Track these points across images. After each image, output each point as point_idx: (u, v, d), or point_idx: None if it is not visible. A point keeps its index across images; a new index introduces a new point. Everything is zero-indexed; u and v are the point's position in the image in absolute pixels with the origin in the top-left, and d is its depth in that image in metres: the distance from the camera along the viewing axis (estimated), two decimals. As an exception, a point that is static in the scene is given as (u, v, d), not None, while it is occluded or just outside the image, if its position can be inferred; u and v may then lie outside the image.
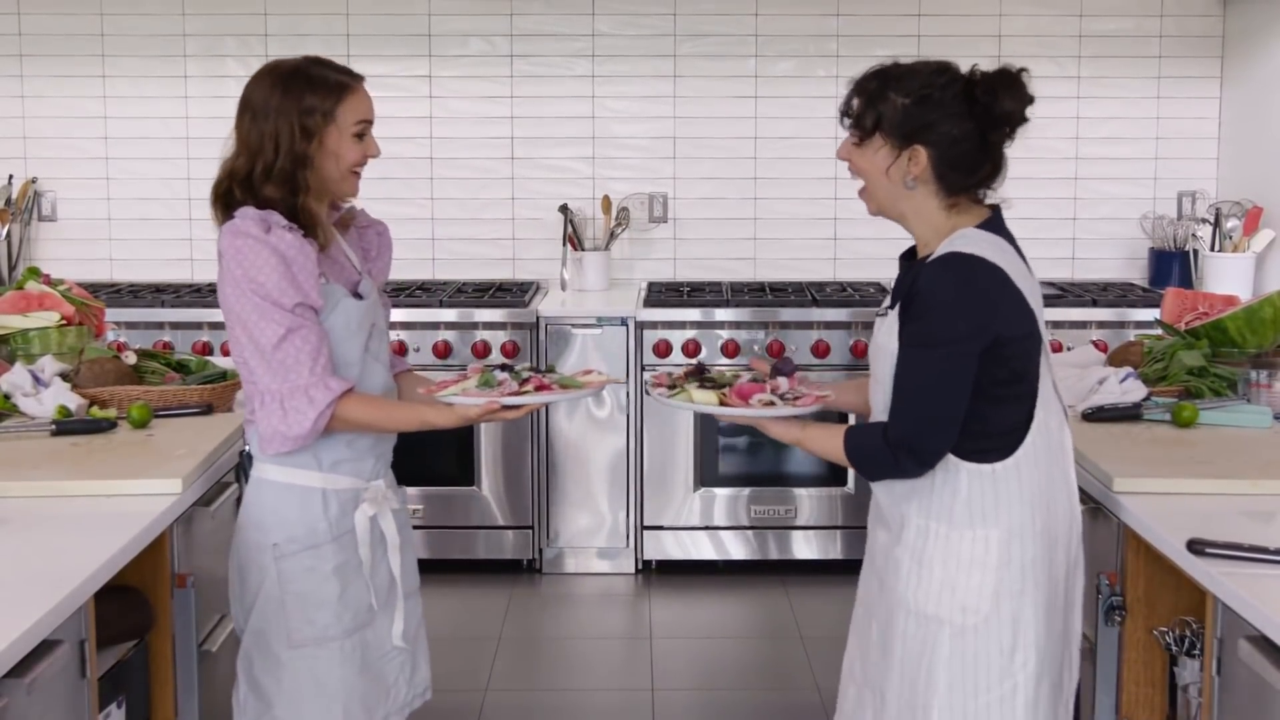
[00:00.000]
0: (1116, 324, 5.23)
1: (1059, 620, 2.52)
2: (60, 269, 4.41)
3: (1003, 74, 2.43)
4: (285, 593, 2.66)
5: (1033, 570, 2.46)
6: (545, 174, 5.83)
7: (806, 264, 5.86)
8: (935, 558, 2.47)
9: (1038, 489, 2.46)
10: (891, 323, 2.48)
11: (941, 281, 2.39)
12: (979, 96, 2.41)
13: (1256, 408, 3.25)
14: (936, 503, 2.47)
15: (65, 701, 2.24)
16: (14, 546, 2.41)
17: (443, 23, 5.76)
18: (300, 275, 2.57)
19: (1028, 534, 2.45)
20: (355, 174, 2.71)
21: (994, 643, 2.45)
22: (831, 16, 5.74)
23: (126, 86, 5.76)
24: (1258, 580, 2.19)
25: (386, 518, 2.76)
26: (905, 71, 2.46)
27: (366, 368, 2.73)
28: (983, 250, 2.42)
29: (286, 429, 2.58)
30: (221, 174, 2.70)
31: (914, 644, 2.50)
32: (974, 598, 2.45)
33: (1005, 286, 2.41)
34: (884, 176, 2.47)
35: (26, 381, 3.33)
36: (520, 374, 2.64)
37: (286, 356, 2.56)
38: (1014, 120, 2.44)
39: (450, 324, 5.24)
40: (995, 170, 2.50)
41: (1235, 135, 5.68)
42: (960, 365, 2.38)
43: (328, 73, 2.67)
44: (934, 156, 2.43)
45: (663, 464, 5.25)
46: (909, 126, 2.42)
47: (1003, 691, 2.46)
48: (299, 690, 2.68)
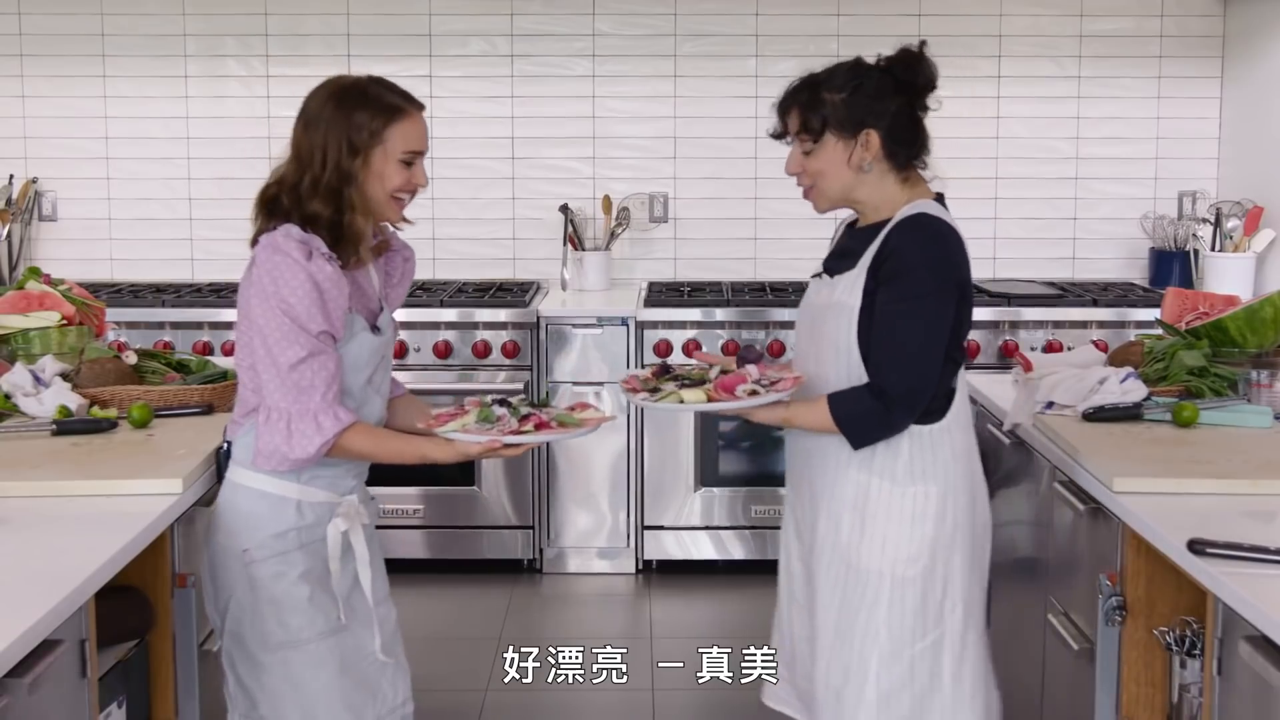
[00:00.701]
0: (1117, 324, 5.23)
1: (978, 576, 2.76)
2: (61, 269, 4.41)
3: (907, 51, 2.67)
4: (258, 598, 2.66)
5: (962, 525, 2.70)
6: (546, 174, 5.84)
7: (807, 264, 5.76)
8: (878, 513, 2.67)
9: (964, 449, 2.72)
10: (852, 282, 2.65)
11: (918, 241, 2.60)
12: (899, 74, 2.66)
13: (1257, 408, 3.25)
14: (879, 461, 2.67)
15: (66, 701, 2.23)
16: (14, 546, 2.41)
17: (443, 23, 5.76)
18: (331, 307, 2.57)
19: (961, 490, 2.70)
20: (398, 200, 2.67)
21: (930, 593, 2.68)
22: (832, 16, 5.74)
23: (127, 86, 5.77)
24: (1258, 580, 2.19)
25: (357, 533, 2.75)
26: (828, 73, 2.70)
27: (366, 398, 2.73)
28: (945, 216, 2.67)
29: (289, 450, 2.58)
30: (271, 179, 2.66)
31: (853, 597, 2.69)
32: (914, 550, 2.66)
33: (965, 251, 2.67)
34: (845, 167, 2.67)
35: (27, 381, 3.33)
36: (519, 410, 2.65)
37: (302, 379, 2.55)
38: (933, 87, 2.69)
39: (451, 324, 5.23)
40: (925, 139, 2.72)
41: (1236, 135, 5.68)
42: (943, 316, 2.60)
43: (385, 93, 2.64)
44: (883, 135, 2.65)
45: (663, 464, 5.25)
46: (856, 115, 2.65)
47: (934, 637, 2.69)
48: (278, 690, 2.70)
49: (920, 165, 2.73)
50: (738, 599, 5.09)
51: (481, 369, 5.24)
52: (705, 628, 4.83)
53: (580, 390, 5.18)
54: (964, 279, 2.64)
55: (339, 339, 2.62)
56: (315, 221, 2.59)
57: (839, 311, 2.67)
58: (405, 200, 2.69)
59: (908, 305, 2.59)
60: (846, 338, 2.65)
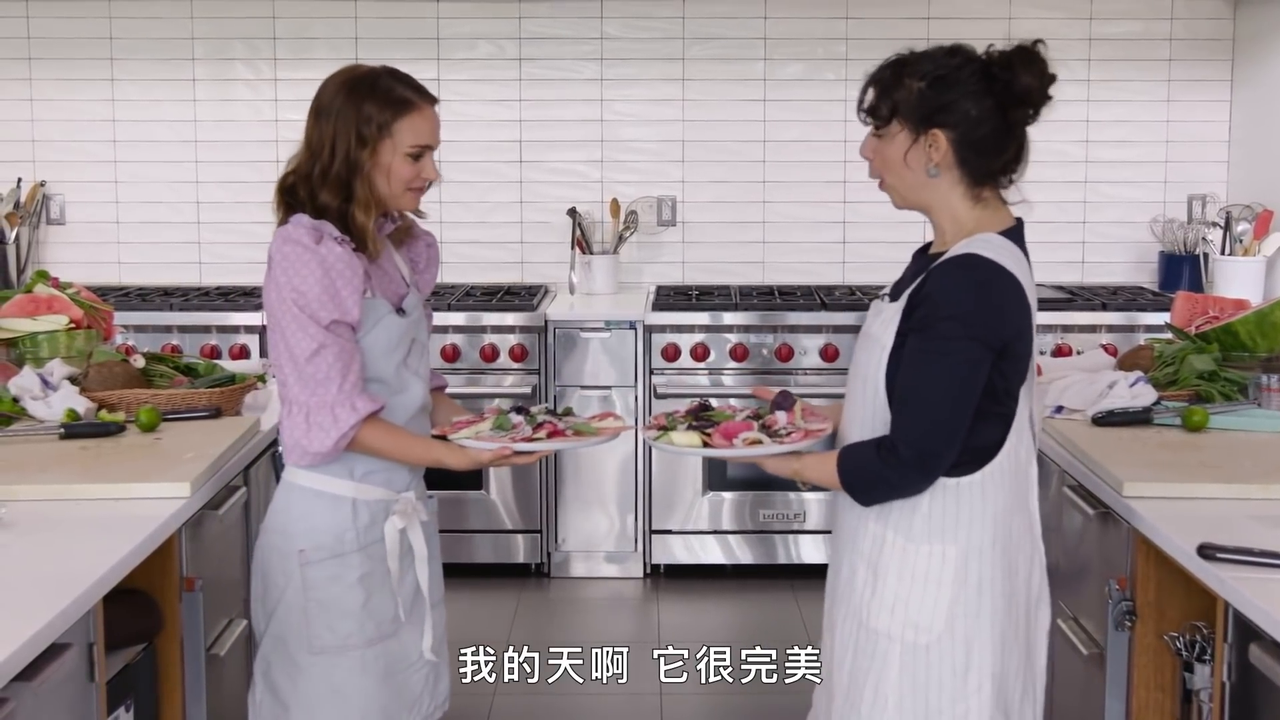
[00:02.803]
0: (1126, 328, 5.22)
1: (1017, 653, 2.44)
2: (68, 272, 4.41)
3: (1020, 50, 2.37)
4: (309, 600, 2.64)
5: (990, 591, 2.38)
6: (553, 177, 5.83)
7: (815, 267, 5.85)
8: (890, 569, 2.40)
9: (999, 510, 2.39)
10: (890, 317, 2.40)
11: (957, 285, 2.31)
12: (997, 74, 2.35)
13: (1267, 412, 3.24)
14: (896, 513, 2.40)
15: (73, 705, 2.23)
16: (23, 550, 2.41)
17: (451, 25, 5.76)
18: (343, 290, 2.55)
19: (986, 554, 2.38)
20: (413, 191, 2.67)
21: (946, 663, 2.38)
22: (840, 19, 5.74)
23: (134, 90, 5.77)
24: (1269, 585, 2.18)
25: (415, 530, 2.75)
26: (918, 57, 2.40)
27: (404, 382, 2.71)
28: (1001, 258, 2.33)
29: (308, 443, 2.57)
30: (288, 167, 2.67)
31: (863, 659, 2.44)
32: (927, 615, 2.38)
33: (1019, 299, 2.35)
34: (903, 164, 2.39)
35: (35, 385, 3.33)
36: (535, 418, 2.64)
37: (318, 371, 2.54)
38: (1034, 97, 2.37)
39: (459, 327, 5.23)
40: (1019, 153, 2.41)
41: (1246, 138, 5.67)
42: (973, 372, 2.30)
43: (396, 85, 2.64)
44: (954, 140, 2.35)
45: (671, 468, 5.24)
46: (926, 109, 2.35)
47: (955, 714, 2.38)
48: (316, 696, 2.66)
49: (1003, 184, 2.44)
50: (746, 603, 5.08)
51: (489, 373, 5.24)
52: (713, 632, 4.82)
53: (587, 394, 5.18)
54: (1008, 335, 2.32)
55: (358, 326, 2.60)
56: (325, 212, 2.60)
57: (873, 346, 2.42)
58: (419, 191, 2.69)
59: (933, 362, 2.30)
60: (875, 375, 2.40)
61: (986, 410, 2.34)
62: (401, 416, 2.70)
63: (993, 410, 2.36)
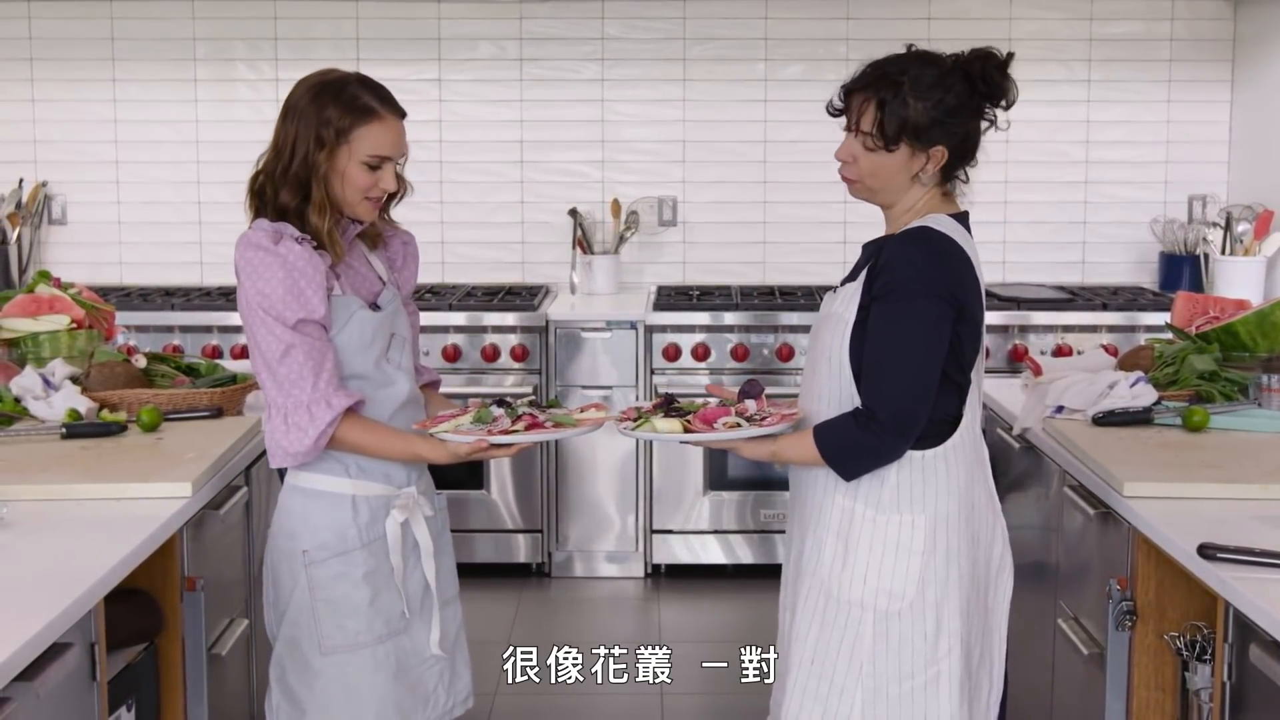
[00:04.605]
0: (1127, 328, 5.22)
1: (977, 620, 2.57)
2: (70, 272, 4.43)
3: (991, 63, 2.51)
4: (315, 600, 2.65)
5: (956, 560, 2.52)
6: (554, 177, 5.84)
7: (816, 267, 5.85)
8: (861, 542, 2.52)
9: (962, 482, 2.53)
10: (850, 294, 2.51)
11: (913, 250, 2.46)
12: (981, 89, 2.51)
13: (1268, 412, 3.24)
14: (864, 487, 2.51)
15: (75, 705, 2.24)
16: (24, 550, 2.42)
17: (452, 26, 5.76)
18: (308, 288, 2.56)
19: (953, 522, 2.51)
20: (370, 200, 2.66)
21: (918, 628, 2.50)
22: (841, 20, 5.74)
23: (136, 90, 5.77)
24: (1269, 585, 2.18)
25: (419, 525, 2.75)
26: (905, 71, 2.50)
27: (387, 377, 2.71)
28: (951, 233, 2.49)
29: (288, 444, 2.58)
30: (256, 167, 2.69)
31: (832, 630, 2.53)
32: (900, 582, 2.50)
33: (970, 271, 2.50)
34: (905, 177, 2.53)
35: (37, 385, 3.33)
36: (516, 410, 2.64)
37: (290, 371, 2.55)
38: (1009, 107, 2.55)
39: (460, 327, 5.24)
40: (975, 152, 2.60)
41: (1246, 138, 5.67)
42: (937, 328, 2.43)
43: (362, 93, 2.63)
44: (951, 151, 2.52)
45: (672, 468, 5.25)
46: (934, 128, 2.49)
47: (928, 677, 2.51)
48: (331, 697, 2.67)
49: (963, 178, 2.60)
50: (746, 603, 5.08)
51: (490, 373, 5.24)
52: (714, 632, 4.83)
53: (590, 394, 5.18)
54: (963, 296, 2.46)
55: (328, 324, 2.61)
56: (285, 212, 2.61)
57: (834, 324, 2.53)
58: (376, 200, 2.68)
59: (899, 322, 2.43)
60: (839, 352, 2.51)
61: (945, 380, 2.47)
62: (386, 411, 2.70)
63: (949, 381, 2.49)
